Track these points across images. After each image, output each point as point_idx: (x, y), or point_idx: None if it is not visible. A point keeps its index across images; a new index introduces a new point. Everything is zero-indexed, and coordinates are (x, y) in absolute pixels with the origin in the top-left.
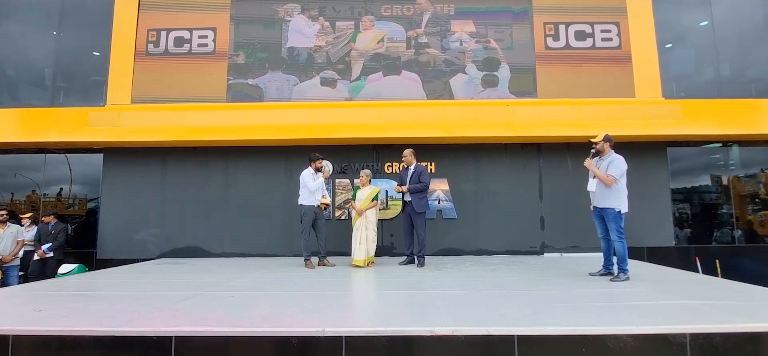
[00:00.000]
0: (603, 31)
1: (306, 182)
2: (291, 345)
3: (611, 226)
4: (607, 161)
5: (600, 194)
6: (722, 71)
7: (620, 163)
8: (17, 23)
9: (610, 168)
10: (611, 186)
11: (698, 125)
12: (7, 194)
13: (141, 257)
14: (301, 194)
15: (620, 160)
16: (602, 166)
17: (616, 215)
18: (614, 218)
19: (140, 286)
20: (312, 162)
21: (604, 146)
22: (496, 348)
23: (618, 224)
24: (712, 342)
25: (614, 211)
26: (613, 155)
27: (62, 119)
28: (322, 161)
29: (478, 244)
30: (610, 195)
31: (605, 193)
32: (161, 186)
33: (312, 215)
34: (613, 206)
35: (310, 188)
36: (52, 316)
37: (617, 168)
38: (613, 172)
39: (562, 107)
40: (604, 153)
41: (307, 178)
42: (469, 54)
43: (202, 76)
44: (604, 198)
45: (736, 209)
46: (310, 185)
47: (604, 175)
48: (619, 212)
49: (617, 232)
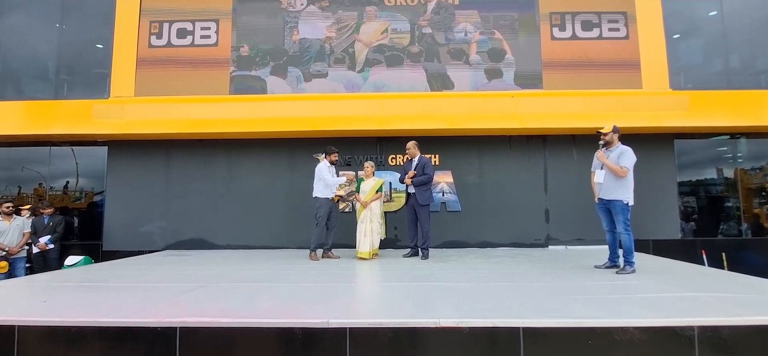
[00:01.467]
0: (610, 22)
1: (323, 175)
2: (295, 337)
3: (618, 218)
4: (618, 152)
5: (608, 186)
6: (731, 62)
7: (630, 154)
8: (21, 16)
9: (622, 159)
10: (621, 178)
11: (706, 117)
12: (14, 188)
13: (146, 249)
14: (316, 187)
15: (630, 151)
16: (612, 157)
17: (623, 208)
18: (622, 211)
19: (145, 278)
20: (327, 155)
21: (613, 136)
22: (501, 341)
23: (625, 217)
24: (721, 335)
25: (622, 203)
26: (622, 146)
27: (66, 111)
28: (337, 154)
29: (482, 236)
30: (619, 187)
31: (614, 185)
32: (166, 179)
33: (327, 208)
34: (622, 198)
35: (329, 181)
36: (58, 307)
37: (629, 160)
38: (626, 163)
39: (567, 98)
40: (612, 144)
41: (325, 171)
42: (473, 45)
43: (205, 69)
44: (613, 190)
45: (743, 202)
46: (328, 178)
47: (618, 167)
48: (626, 205)
49: (624, 224)
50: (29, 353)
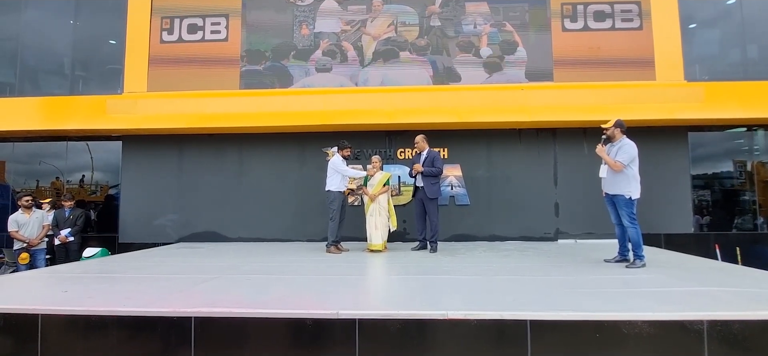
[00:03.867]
0: (623, 12)
1: (340, 168)
2: (306, 327)
3: (623, 212)
4: (618, 146)
5: (610, 180)
6: (749, 52)
7: (630, 148)
8: (37, 13)
9: (619, 154)
10: (621, 172)
11: (722, 109)
12: (32, 181)
13: (160, 242)
14: (329, 181)
15: (630, 145)
16: (612, 152)
17: (626, 202)
18: (625, 205)
19: (161, 269)
20: (340, 150)
21: (614, 131)
22: (508, 333)
23: (629, 211)
24: (731, 329)
25: (625, 197)
26: (623, 140)
27: (82, 106)
28: (350, 149)
29: (491, 230)
30: (621, 181)
31: (615, 179)
32: (178, 173)
33: (341, 201)
34: (623, 192)
35: (350, 173)
36: (78, 297)
37: (626, 154)
38: (622, 158)
39: (579, 90)
40: (615, 139)
41: (341, 164)
42: (484, 37)
43: (216, 63)
44: (615, 185)
45: (759, 195)
46: (348, 171)
47: (613, 161)
48: (629, 199)
49: (629, 218)
50: (52, 340)
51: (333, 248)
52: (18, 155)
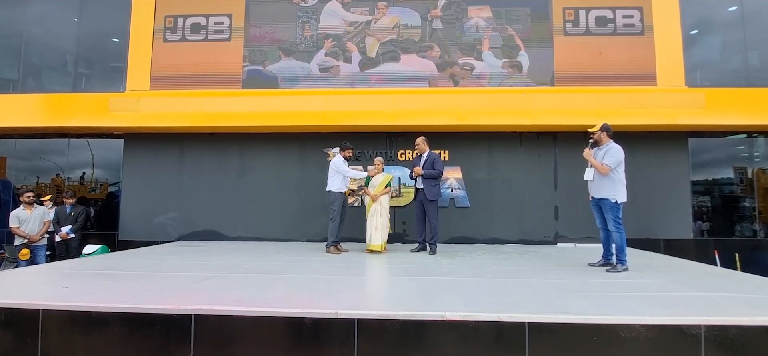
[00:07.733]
0: (625, 17)
1: (342, 169)
2: (305, 326)
3: (608, 216)
4: (604, 150)
5: (597, 184)
6: (751, 59)
7: (617, 152)
8: (40, 10)
9: (606, 157)
10: (608, 176)
11: (723, 115)
12: (33, 178)
13: (161, 240)
14: (330, 182)
15: (617, 149)
16: (599, 156)
17: (612, 206)
18: (611, 209)
19: (161, 267)
20: (342, 150)
21: (601, 135)
22: (506, 335)
23: (615, 215)
24: (728, 334)
25: (611, 201)
26: (610, 144)
27: (84, 104)
28: (352, 150)
29: (490, 233)
30: (607, 185)
31: (602, 183)
32: (179, 171)
33: (341, 202)
34: (610, 196)
35: (351, 174)
36: (79, 293)
37: (613, 157)
38: (609, 161)
39: (580, 95)
40: (602, 143)
41: (342, 165)
42: (486, 41)
43: (218, 63)
44: (601, 188)
45: (760, 202)
46: (349, 171)
47: (600, 164)
48: (615, 203)
49: (615, 222)
50: (52, 335)
51: (333, 248)
52: (19, 151)
